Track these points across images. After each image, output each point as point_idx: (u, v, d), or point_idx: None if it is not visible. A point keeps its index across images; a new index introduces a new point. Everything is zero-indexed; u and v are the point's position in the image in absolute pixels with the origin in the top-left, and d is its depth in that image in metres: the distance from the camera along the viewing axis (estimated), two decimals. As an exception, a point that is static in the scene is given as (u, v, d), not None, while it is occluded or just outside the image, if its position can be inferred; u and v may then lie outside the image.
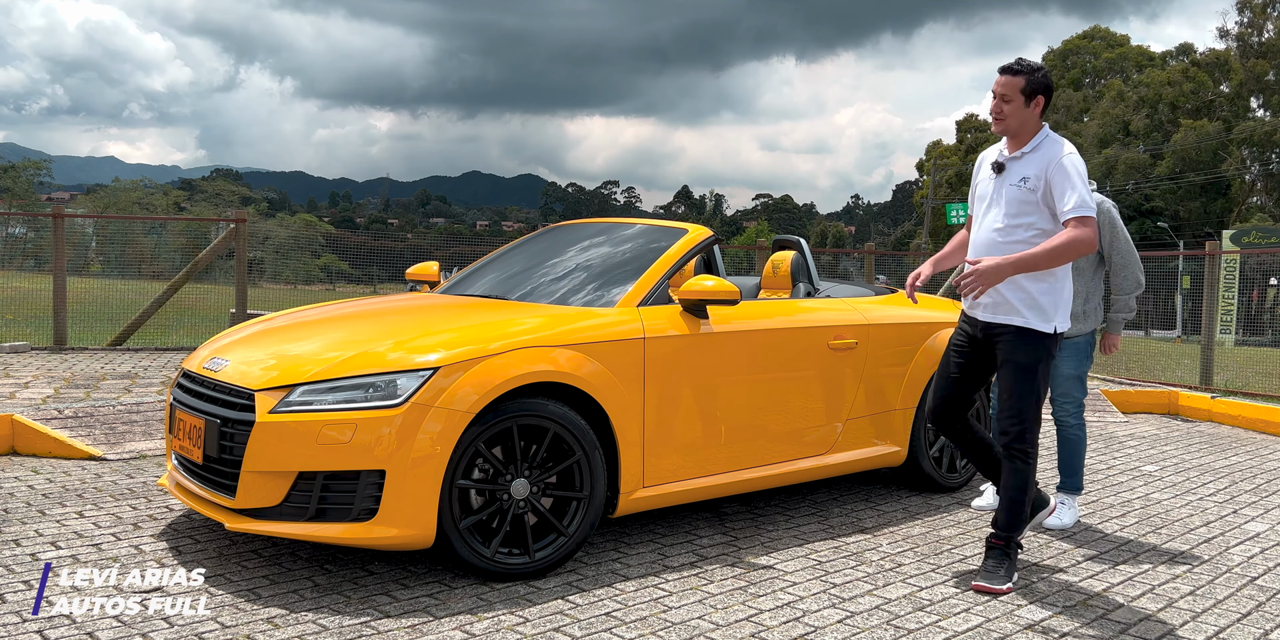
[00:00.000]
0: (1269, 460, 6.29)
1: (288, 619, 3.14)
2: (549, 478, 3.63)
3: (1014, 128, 3.71)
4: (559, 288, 4.35)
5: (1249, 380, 10.65)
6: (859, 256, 22.21)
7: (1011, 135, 3.74)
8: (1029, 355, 3.68)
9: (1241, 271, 23.98)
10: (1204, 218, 42.34)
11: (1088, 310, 4.48)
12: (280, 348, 3.82)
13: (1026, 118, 3.70)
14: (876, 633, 3.21)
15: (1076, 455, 4.65)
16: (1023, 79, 3.67)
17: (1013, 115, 3.69)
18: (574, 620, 3.22)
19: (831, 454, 4.65)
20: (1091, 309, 4.50)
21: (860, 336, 4.72)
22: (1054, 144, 3.69)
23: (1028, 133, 3.73)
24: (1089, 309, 4.49)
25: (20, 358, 8.46)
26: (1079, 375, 4.55)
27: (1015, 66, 3.70)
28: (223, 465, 3.48)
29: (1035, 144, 3.71)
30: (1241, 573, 3.95)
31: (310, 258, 23.48)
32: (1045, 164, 3.65)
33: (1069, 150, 3.65)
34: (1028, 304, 3.66)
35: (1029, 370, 3.68)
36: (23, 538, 3.83)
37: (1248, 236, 29.72)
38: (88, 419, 5.59)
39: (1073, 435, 4.63)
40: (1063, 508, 4.60)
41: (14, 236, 20.06)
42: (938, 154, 52.91)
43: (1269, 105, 42.86)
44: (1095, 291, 4.53)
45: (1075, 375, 4.54)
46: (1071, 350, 4.49)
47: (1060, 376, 4.55)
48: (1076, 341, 4.50)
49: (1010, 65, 3.71)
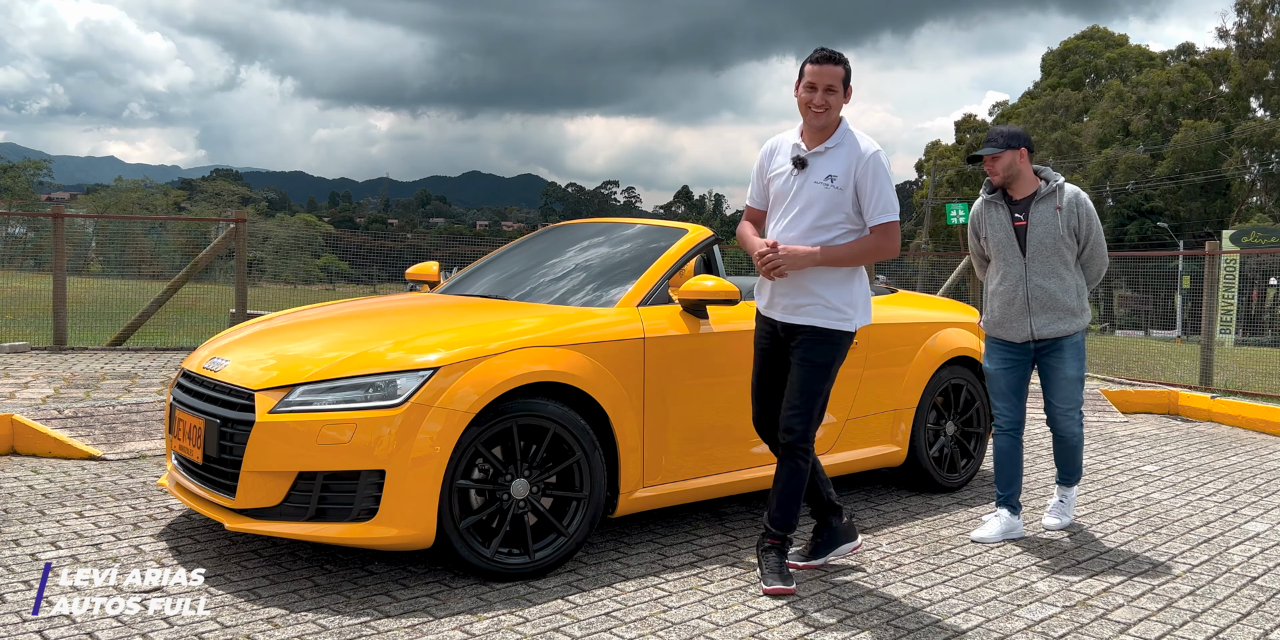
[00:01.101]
0: (1269, 460, 6.29)
1: (288, 619, 3.14)
2: (549, 478, 3.63)
3: (833, 121, 3.57)
4: (559, 288, 4.35)
5: (1249, 380, 10.65)
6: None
7: (821, 128, 3.57)
8: (825, 355, 3.57)
9: (1241, 271, 23.99)
10: (1204, 218, 42.35)
11: (1083, 305, 4.37)
12: (280, 348, 3.82)
13: (839, 110, 3.57)
14: (876, 633, 3.21)
15: (1078, 455, 4.53)
16: (843, 69, 3.52)
17: (836, 107, 3.53)
18: (574, 620, 3.22)
19: (831, 454, 4.65)
20: (1085, 304, 4.39)
21: (860, 336, 4.71)
22: (856, 139, 3.56)
23: (834, 126, 3.57)
24: (1084, 304, 4.38)
25: (20, 358, 8.46)
26: (1081, 377, 4.39)
27: (837, 56, 3.53)
28: (223, 465, 3.48)
29: (839, 139, 3.56)
30: (1241, 573, 3.95)
31: (310, 258, 23.50)
32: (853, 161, 3.52)
33: (876, 146, 3.56)
34: (824, 305, 3.56)
35: (824, 369, 3.57)
36: (23, 538, 3.83)
37: (1248, 236, 29.72)
38: (88, 419, 5.59)
39: (1076, 442, 4.48)
40: (1061, 505, 4.56)
41: (14, 236, 20.06)
42: (937, 154, 52.89)
43: (1269, 105, 42.87)
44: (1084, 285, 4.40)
45: (1078, 377, 4.36)
46: (1073, 350, 4.33)
47: (1063, 379, 4.35)
48: (1075, 339, 4.34)
49: (832, 54, 3.53)
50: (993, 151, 4.28)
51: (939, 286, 13.15)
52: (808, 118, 3.55)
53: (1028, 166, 4.31)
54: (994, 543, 4.27)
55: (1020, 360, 4.39)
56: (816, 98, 3.50)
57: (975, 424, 5.30)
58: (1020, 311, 4.30)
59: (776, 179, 3.66)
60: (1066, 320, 4.28)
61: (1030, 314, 4.28)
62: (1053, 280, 4.25)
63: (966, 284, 12.05)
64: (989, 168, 4.31)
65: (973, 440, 5.30)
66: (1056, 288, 4.25)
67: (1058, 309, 4.26)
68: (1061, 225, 4.22)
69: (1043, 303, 4.26)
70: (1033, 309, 4.28)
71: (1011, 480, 4.42)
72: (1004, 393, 4.42)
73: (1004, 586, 3.70)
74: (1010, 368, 4.39)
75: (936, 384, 5.06)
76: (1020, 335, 4.31)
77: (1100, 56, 49.12)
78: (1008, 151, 4.26)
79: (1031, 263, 4.27)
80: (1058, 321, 4.27)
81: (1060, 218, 4.22)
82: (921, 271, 25.73)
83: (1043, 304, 4.26)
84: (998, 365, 4.42)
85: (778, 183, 3.65)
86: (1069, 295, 4.27)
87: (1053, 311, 4.26)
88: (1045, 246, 4.24)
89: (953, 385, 5.17)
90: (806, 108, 3.53)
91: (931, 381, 5.02)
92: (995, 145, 4.28)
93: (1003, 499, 4.41)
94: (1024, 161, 4.28)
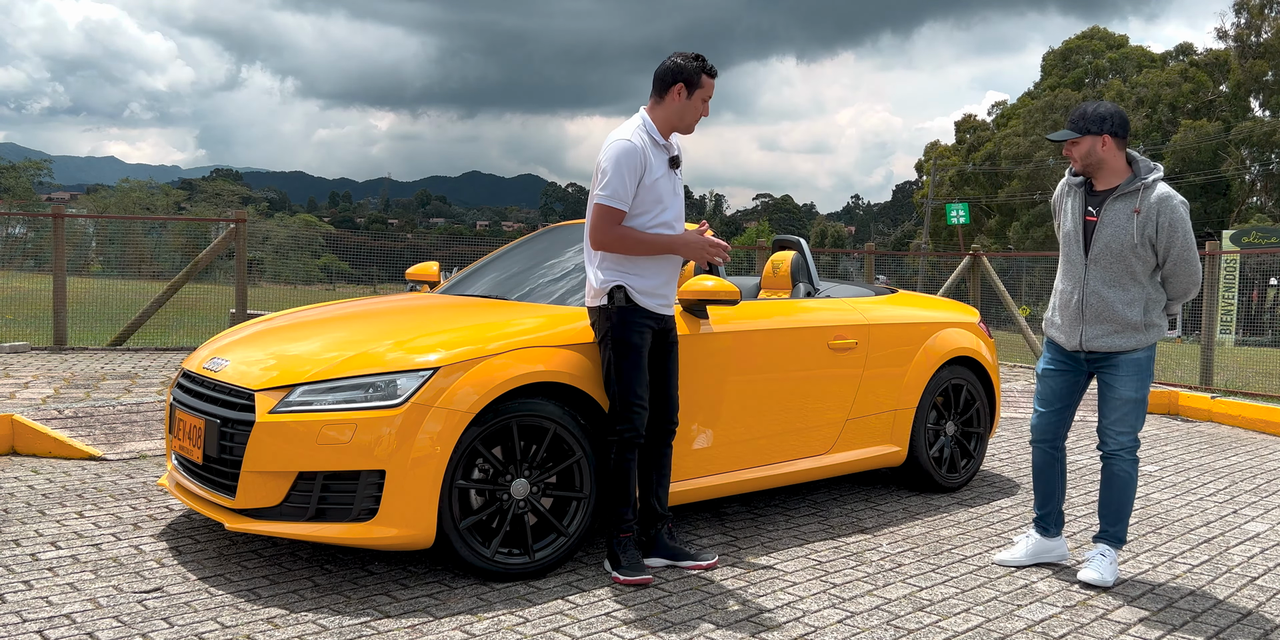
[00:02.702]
0: (1269, 460, 6.29)
1: (288, 619, 3.14)
2: (549, 478, 3.63)
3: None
4: (558, 288, 4.35)
5: (1249, 380, 10.64)
6: (859, 256, 22.21)
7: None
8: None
9: (1241, 271, 23.98)
10: (1204, 218, 42.35)
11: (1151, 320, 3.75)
12: (280, 348, 3.82)
13: None
14: (876, 633, 3.21)
15: (1124, 500, 3.82)
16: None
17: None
18: (574, 620, 3.22)
19: (831, 454, 4.65)
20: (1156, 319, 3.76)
21: (860, 336, 4.72)
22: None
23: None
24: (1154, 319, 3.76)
25: (20, 358, 8.46)
26: (1141, 399, 3.75)
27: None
28: (223, 465, 3.48)
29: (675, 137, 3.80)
30: (1241, 573, 3.95)
31: (310, 258, 23.48)
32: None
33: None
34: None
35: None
36: (23, 538, 3.83)
37: (1248, 236, 29.71)
38: (88, 419, 5.59)
39: (1126, 479, 3.81)
40: (1102, 559, 3.80)
41: (14, 236, 20.06)
42: (937, 154, 52.89)
43: (1268, 105, 42.89)
44: (1160, 300, 3.78)
45: (1136, 399, 3.75)
46: (1131, 367, 3.74)
47: (1116, 399, 3.77)
48: (1135, 356, 3.74)
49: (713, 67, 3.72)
50: (1069, 136, 3.69)
51: (939, 286, 13.15)
52: (691, 125, 3.73)
53: (1115, 155, 3.68)
54: (1018, 565, 3.92)
55: (1070, 368, 3.88)
56: (706, 108, 3.74)
57: (975, 424, 5.30)
58: (1074, 318, 3.78)
59: (662, 180, 3.69)
60: (1125, 335, 3.71)
61: (1084, 322, 3.75)
62: (1114, 290, 3.70)
63: (966, 284, 12.04)
64: (1068, 153, 3.73)
65: (973, 440, 5.30)
66: (1117, 298, 3.69)
67: (1115, 321, 3.70)
68: (1135, 231, 3.62)
69: (1098, 312, 3.72)
70: (1086, 317, 3.74)
71: (1046, 499, 3.96)
72: (1044, 396, 3.93)
73: (1004, 586, 3.70)
74: (1057, 371, 3.90)
75: (937, 384, 5.06)
76: (1070, 343, 3.81)
77: (1102, 56, 49.13)
78: (1087, 137, 3.66)
79: (1093, 266, 3.72)
80: (1113, 335, 3.71)
81: (1135, 223, 3.62)
82: (921, 271, 25.74)
83: (1098, 313, 3.72)
84: (1045, 365, 3.94)
85: (664, 182, 3.71)
86: (1132, 309, 3.68)
87: (1109, 323, 3.71)
88: (1110, 251, 3.67)
89: (953, 385, 5.17)
90: (697, 119, 3.73)
91: (932, 381, 5.02)
92: (1075, 128, 3.69)
93: (1035, 519, 4.00)
94: (1109, 149, 3.66)
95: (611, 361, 3.62)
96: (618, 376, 3.61)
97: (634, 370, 3.62)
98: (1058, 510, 3.97)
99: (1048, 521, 3.97)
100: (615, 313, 3.60)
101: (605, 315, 3.63)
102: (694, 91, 3.66)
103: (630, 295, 3.60)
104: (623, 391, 3.61)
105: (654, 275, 3.66)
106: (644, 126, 3.68)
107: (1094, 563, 3.78)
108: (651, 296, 3.65)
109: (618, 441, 3.64)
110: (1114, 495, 3.82)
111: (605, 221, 3.57)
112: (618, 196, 3.56)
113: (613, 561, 3.66)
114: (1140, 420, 3.78)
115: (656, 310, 3.67)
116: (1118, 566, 3.84)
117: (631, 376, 3.61)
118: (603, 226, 3.58)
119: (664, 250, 3.64)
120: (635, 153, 3.58)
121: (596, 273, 3.66)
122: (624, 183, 3.57)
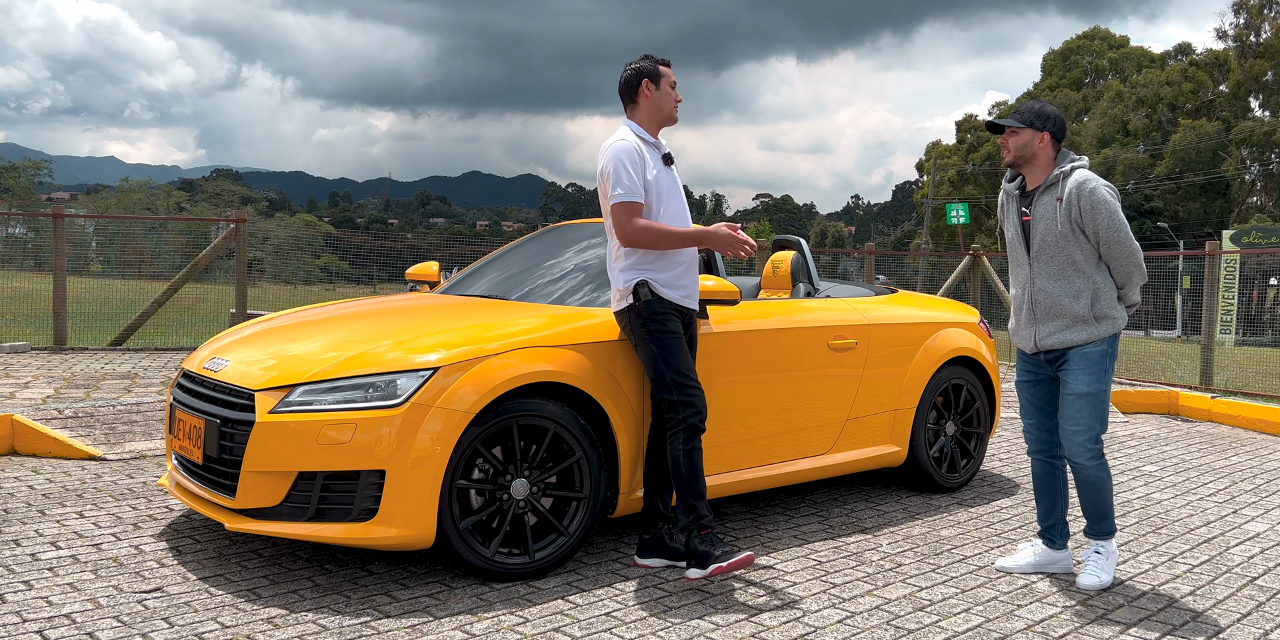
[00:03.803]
0: (1269, 460, 6.29)
1: (288, 619, 3.14)
2: (549, 478, 3.63)
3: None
4: (558, 288, 4.35)
5: (1249, 380, 10.64)
6: (859, 256, 22.20)
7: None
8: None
9: (1241, 271, 23.99)
10: (1204, 218, 42.34)
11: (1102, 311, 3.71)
12: (280, 348, 3.82)
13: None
14: (876, 633, 3.21)
15: (1100, 497, 3.77)
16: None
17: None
18: (574, 620, 3.22)
19: (831, 454, 4.66)
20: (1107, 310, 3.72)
21: (860, 336, 4.72)
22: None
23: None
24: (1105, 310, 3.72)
25: (20, 358, 8.46)
26: (1094, 394, 3.68)
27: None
28: (223, 465, 3.48)
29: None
30: (1241, 573, 3.95)
31: (310, 258, 23.48)
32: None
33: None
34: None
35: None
36: (23, 538, 3.83)
37: (1248, 236, 29.72)
38: (88, 419, 5.59)
39: (1092, 478, 3.74)
40: (1098, 557, 3.78)
41: (14, 236, 20.05)
42: (937, 154, 52.91)
43: (1268, 105, 42.91)
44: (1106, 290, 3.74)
45: (1087, 393, 3.68)
46: (1082, 361, 3.69)
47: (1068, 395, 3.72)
48: (1086, 350, 3.69)
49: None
50: (1013, 125, 3.70)
51: (939, 286, 13.15)
52: (672, 114, 3.83)
53: (1047, 153, 3.70)
54: (1021, 573, 3.87)
55: (1037, 374, 3.86)
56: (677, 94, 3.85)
57: (975, 424, 5.30)
58: (1027, 319, 3.78)
59: (662, 179, 3.76)
60: (1076, 329, 3.67)
61: (1035, 321, 3.75)
62: (1058, 283, 3.68)
63: (966, 284, 12.04)
64: (1002, 142, 3.75)
65: (973, 440, 5.30)
66: (1062, 292, 3.67)
67: (1064, 316, 3.68)
68: (1060, 219, 3.61)
69: (1047, 309, 3.70)
70: (1037, 315, 3.74)
71: (1049, 511, 3.91)
72: (1025, 408, 3.92)
73: (1004, 586, 3.70)
74: (1028, 381, 3.89)
75: (937, 384, 5.06)
76: (1027, 345, 3.80)
77: (1102, 57, 49.14)
78: (1028, 130, 3.68)
79: (1035, 263, 3.72)
80: (1065, 331, 3.68)
81: (1060, 210, 3.62)
82: (921, 271, 25.75)
83: (1047, 310, 3.71)
84: (1019, 377, 3.93)
85: (664, 180, 3.77)
86: (1079, 301, 3.65)
87: (1059, 319, 3.69)
88: (1047, 244, 3.67)
89: (953, 385, 5.17)
90: (675, 106, 3.84)
91: (932, 381, 5.02)
92: (1019, 119, 3.70)
93: (1040, 531, 3.94)
94: (1044, 146, 3.68)
95: (655, 354, 3.65)
96: (665, 365, 3.63)
97: (679, 355, 3.67)
98: (1062, 521, 3.92)
99: (1053, 533, 3.91)
100: (644, 306, 3.66)
101: (635, 313, 3.68)
102: (659, 81, 3.79)
103: (654, 288, 3.67)
104: (676, 378, 3.63)
105: (672, 267, 3.72)
106: (632, 130, 3.77)
107: (1090, 565, 3.76)
108: (674, 288, 3.71)
109: (684, 430, 3.64)
110: (1088, 496, 3.78)
111: (628, 216, 3.64)
112: (631, 190, 3.64)
113: (697, 561, 3.60)
114: (1097, 420, 3.68)
115: (680, 302, 3.73)
116: (1115, 564, 3.81)
117: (679, 361, 3.66)
118: (627, 222, 3.64)
119: (693, 242, 3.70)
120: (632, 149, 3.69)
121: (618, 275, 3.73)
122: (632, 177, 3.64)
